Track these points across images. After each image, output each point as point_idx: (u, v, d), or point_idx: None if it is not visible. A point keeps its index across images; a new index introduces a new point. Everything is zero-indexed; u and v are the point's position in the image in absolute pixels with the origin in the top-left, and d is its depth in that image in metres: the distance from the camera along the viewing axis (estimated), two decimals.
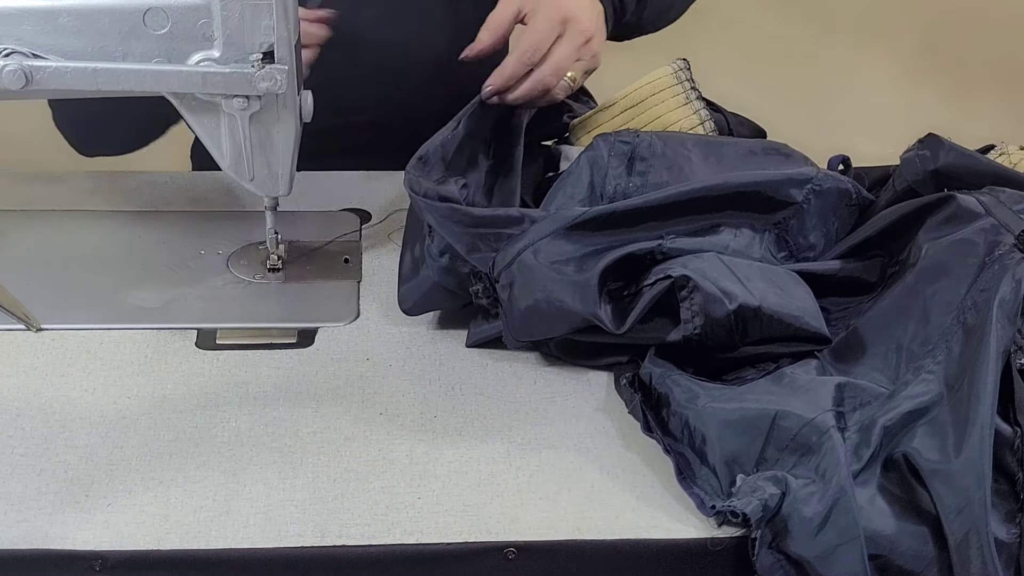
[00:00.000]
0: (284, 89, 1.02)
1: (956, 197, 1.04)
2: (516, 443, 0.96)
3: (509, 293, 1.03)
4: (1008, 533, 0.85)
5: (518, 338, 1.05)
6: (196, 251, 1.20)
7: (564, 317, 1.02)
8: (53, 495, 0.89)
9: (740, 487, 0.89)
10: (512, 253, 1.03)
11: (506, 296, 1.04)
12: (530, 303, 1.02)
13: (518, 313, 1.03)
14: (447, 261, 1.06)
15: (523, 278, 1.03)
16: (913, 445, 0.89)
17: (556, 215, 1.06)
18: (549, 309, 1.02)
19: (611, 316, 1.00)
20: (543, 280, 1.02)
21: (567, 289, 1.01)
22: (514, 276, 1.03)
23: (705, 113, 1.22)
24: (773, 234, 1.09)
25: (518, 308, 1.03)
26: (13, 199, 1.28)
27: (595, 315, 1.00)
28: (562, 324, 1.02)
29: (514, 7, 1.15)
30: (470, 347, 1.07)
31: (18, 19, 0.99)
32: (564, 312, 1.01)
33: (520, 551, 0.87)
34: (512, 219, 1.06)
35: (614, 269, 1.02)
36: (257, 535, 0.87)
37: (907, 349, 0.98)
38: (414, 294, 1.09)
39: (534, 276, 1.02)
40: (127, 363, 1.04)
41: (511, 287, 1.03)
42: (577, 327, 1.02)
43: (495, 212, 1.07)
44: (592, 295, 1.00)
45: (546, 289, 1.01)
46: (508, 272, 1.03)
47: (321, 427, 0.97)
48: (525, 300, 1.03)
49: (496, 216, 1.06)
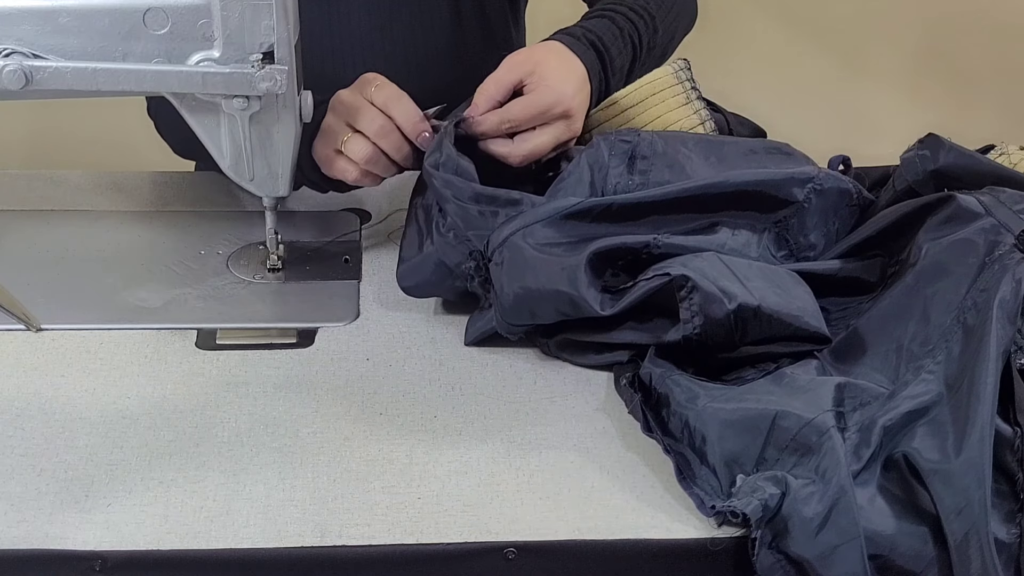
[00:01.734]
0: (284, 89, 1.02)
1: (956, 197, 1.04)
2: (516, 443, 0.96)
3: (500, 273, 1.04)
4: (1008, 533, 0.85)
5: (509, 321, 1.05)
6: (196, 251, 1.20)
7: (550, 298, 1.02)
8: (53, 495, 0.89)
9: (740, 487, 0.89)
10: (504, 233, 1.05)
11: (498, 275, 1.04)
12: (520, 284, 1.03)
13: (508, 295, 1.04)
14: (452, 238, 1.08)
15: (512, 259, 1.04)
16: (913, 445, 0.89)
17: (554, 202, 1.07)
18: (536, 288, 1.02)
19: (599, 301, 1.01)
20: (531, 261, 1.03)
21: (554, 269, 1.02)
22: (504, 256, 1.04)
23: (705, 113, 1.22)
24: (773, 233, 1.10)
25: (508, 290, 1.04)
26: (13, 199, 1.28)
27: (580, 296, 1.00)
28: (549, 306, 1.02)
29: (517, 76, 1.13)
30: (469, 345, 1.08)
31: (18, 19, 0.99)
32: (550, 293, 1.01)
33: (520, 551, 0.87)
34: (512, 200, 1.07)
35: (604, 257, 1.03)
36: (257, 535, 0.87)
37: (907, 349, 0.98)
38: (415, 274, 1.11)
39: (523, 257, 1.03)
40: (127, 363, 1.04)
41: (502, 267, 1.04)
42: (565, 313, 1.02)
43: (496, 191, 1.08)
44: (579, 276, 1.01)
45: (534, 269, 1.02)
46: (500, 252, 1.04)
47: (321, 427, 0.97)
48: (515, 282, 1.03)
49: (496, 195, 1.07)
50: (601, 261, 1.03)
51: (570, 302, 1.01)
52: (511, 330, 1.06)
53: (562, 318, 1.03)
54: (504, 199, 1.07)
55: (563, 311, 1.02)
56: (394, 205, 1.27)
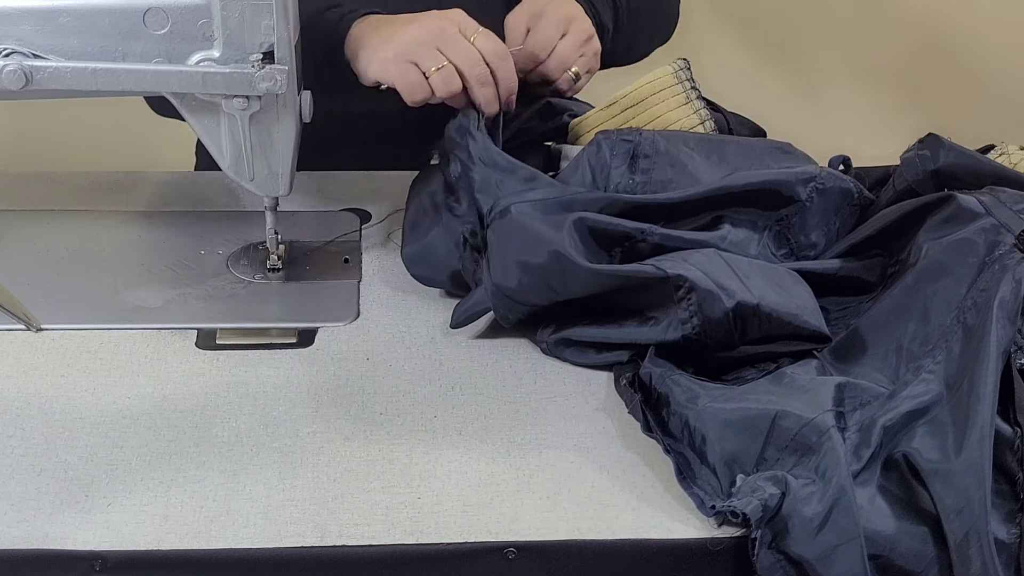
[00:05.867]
0: (284, 89, 1.02)
1: (956, 197, 1.04)
2: (516, 443, 0.96)
3: (493, 238, 1.06)
4: (1008, 533, 0.85)
5: (497, 283, 1.04)
6: (196, 251, 1.20)
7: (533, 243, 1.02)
8: (53, 495, 0.89)
9: (740, 487, 0.89)
10: (503, 204, 1.06)
11: (492, 240, 1.06)
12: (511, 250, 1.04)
13: (498, 258, 1.05)
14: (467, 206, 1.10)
15: (507, 224, 1.05)
16: (913, 445, 0.89)
17: (561, 187, 1.09)
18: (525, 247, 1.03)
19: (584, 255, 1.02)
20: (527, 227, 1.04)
21: (541, 221, 1.04)
22: (500, 223, 1.06)
23: (705, 113, 1.22)
24: (774, 232, 1.10)
25: (497, 254, 1.05)
26: (13, 199, 1.28)
27: (562, 246, 1.01)
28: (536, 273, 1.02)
29: (523, 26, 1.23)
30: (454, 328, 1.08)
31: (18, 19, 0.99)
32: (534, 237, 1.02)
33: (520, 551, 0.87)
34: (525, 177, 1.10)
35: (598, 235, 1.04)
36: (257, 535, 0.87)
37: (907, 349, 0.98)
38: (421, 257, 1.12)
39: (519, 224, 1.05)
40: (127, 363, 1.04)
41: (496, 232, 1.06)
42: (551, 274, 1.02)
43: (515, 163, 1.10)
44: (563, 229, 1.02)
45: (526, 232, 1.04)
46: (498, 218, 1.06)
47: (321, 427, 0.97)
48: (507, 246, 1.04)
49: (512, 165, 1.10)
50: (594, 237, 1.04)
51: (554, 255, 1.01)
52: (501, 306, 1.05)
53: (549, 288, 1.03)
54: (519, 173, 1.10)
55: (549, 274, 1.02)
56: (394, 205, 1.27)
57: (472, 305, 1.07)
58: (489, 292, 1.05)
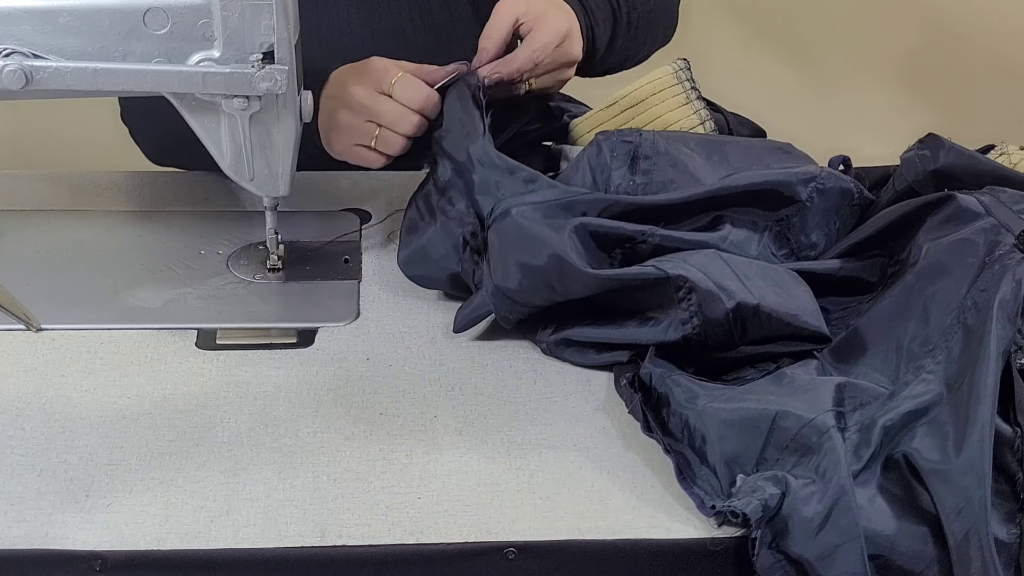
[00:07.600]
0: (284, 89, 1.02)
1: (956, 197, 1.04)
2: (516, 443, 0.96)
3: (494, 240, 1.05)
4: (1008, 533, 0.85)
5: (499, 284, 1.04)
6: (196, 251, 1.20)
7: (534, 246, 1.02)
8: (53, 495, 0.89)
9: (740, 487, 0.89)
10: (504, 206, 1.06)
11: (492, 243, 1.06)
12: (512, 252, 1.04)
13: (499, 260, 1.04)
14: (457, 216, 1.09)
15: (507, 227, 1.05)
16: (913, 445, 0.89)
17: (561, 188, 1.08)
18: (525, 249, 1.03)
19: (585, 260, 1.02)
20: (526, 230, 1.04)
21: (542, 224, 1.03)
22: (499, 230, 1.05)
23: (705, 113, 1.22)
24: (774, 232, 1.10)
25: (498, 256, 1.05)
26: (13, 199, 1.28)
27: (563, 249, 1.01)
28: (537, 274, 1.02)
29: (512, 16, 1.18)
30: (457, 332, 1.08)
31: (18, 19, 0.99)
32: (534, 240, 1.02)
33: (520, 551, 0.87)
34: (525, 178, 1.09)
35: (598, 237, 1.04)
36: (257, 535, 0.87)
37: (907, 349, 0.98)
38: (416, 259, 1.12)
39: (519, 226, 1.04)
40: (127, 363, 1.04)
41: (497, 235, 1.05)
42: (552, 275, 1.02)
43: (514, 164, 1.10)
44: (564, 233, 1.02)
45: (526, 236, 1.03)
46: (498, 221, 1.06)
47: (321, 427, 0.97)
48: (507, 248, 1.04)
49: (512, 166, 1.09)
50: (595, 240, 1.04)
51: (555, 258, 1.01)
52: (502, 306, 1.05)
53: (549, 289, 1.03)
54: (519, 175, 1.09)
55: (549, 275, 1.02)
56: (394, 205, 1.27)
57: (474, 308, 1.07)
58: (490, 293, 1.05)
